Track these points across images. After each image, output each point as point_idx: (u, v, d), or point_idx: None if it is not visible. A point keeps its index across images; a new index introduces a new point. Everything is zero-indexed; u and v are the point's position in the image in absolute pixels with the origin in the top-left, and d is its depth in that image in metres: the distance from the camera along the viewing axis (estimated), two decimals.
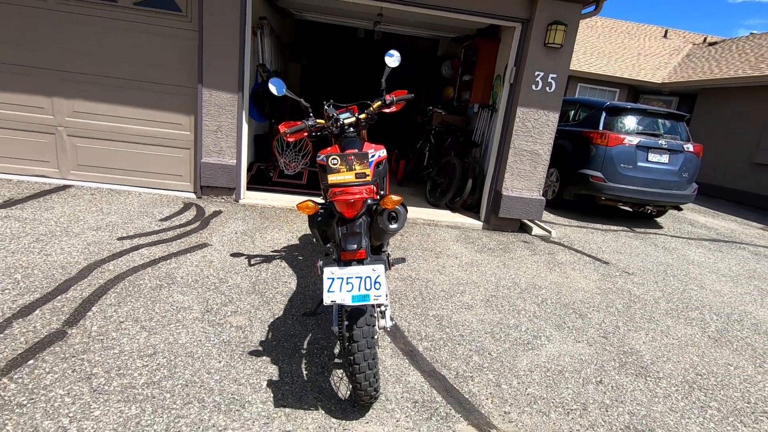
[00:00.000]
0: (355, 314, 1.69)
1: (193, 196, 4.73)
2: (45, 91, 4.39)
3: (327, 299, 1.60)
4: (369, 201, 1.78)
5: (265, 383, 2.04)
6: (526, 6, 4.50)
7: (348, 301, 1.59)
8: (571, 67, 12.28)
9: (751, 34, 13.23)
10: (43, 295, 2.50)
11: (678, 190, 5.93)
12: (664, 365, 2.67)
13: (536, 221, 5.20)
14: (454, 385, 2.22)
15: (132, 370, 2.00)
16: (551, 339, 2.79)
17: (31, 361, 1.96)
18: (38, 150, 4.54)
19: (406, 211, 1.77)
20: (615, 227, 5.98)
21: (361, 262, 1.65)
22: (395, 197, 1.68)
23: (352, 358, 1.69)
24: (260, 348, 2.30)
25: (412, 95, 2.59)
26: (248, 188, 5.04)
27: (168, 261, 3.13)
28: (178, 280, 2.88)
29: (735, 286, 4.24)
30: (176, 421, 1.75)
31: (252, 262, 3.30)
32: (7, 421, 1.64)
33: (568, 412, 2.13)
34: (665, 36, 16.44)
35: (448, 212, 5.40)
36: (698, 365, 2.72)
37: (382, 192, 2.30)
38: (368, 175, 1.70)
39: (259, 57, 5.55)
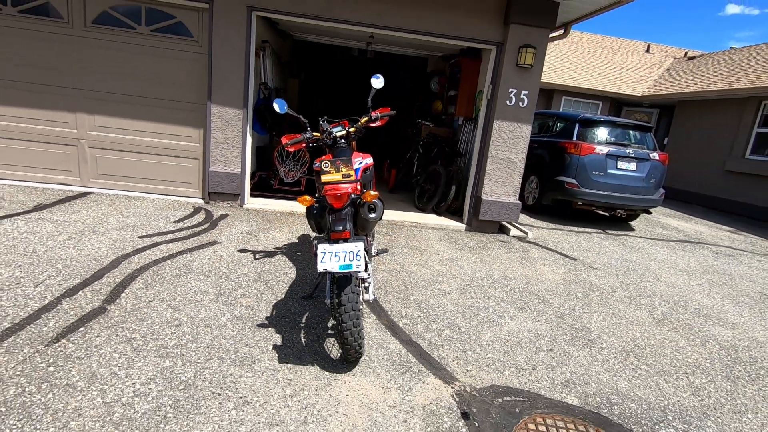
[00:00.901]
0: (343, 283, 2.16)
1: (201, 201, 5.22)
2: (70, 107, 4.90)
3: (320, 267, 2.08)
4: (353, 196, 2.27)
5: (270, 346, 2.50)
6: (500, 31, 5.06)
7: (336, 269, 2.07)
8: (556, 81, 12.96)
9: (731, 48, 13.91)
10: (83, 280, 2.96)
11: (646, 195, 6.45)
12: (609, 339, 3.14)
13: (514, 223, 5.70)
14: (427, 351, 2.68)
15: (163, 335, 2.47)
16: (514, 318, 3.27)
17: (81, 328, 2.43)
18: (62, 160, 5.03)
19: (383, 204, 2.26)
20: (589, 230, 6.49)
21: (346, 241, 2.14)
22: (373, 192, 2.17)
23: (340, 318, 2.17)
24: (266, 322, 2.76)
25: (394, 112, 3.10)
26: (251, 194, 5.52)
27: (184, 255, 3.61)
28: (194, 270, 3.35)
29: (689, 278, 4.73)
30: (202, 371, 2.21)
31: (257, 257, 3.78)
32: (71, 368, 2.10)
33: (520, 371, 2.60)
34: (647, 51, 17.18)
35: (434, 216, 5.90)
36: (638, 339, 3.20)
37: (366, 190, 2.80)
38: (352, 176, 2.20)
39: (262, 76, 6.10)
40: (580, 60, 14.66)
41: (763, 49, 12.01)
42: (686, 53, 16.87)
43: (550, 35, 5.39)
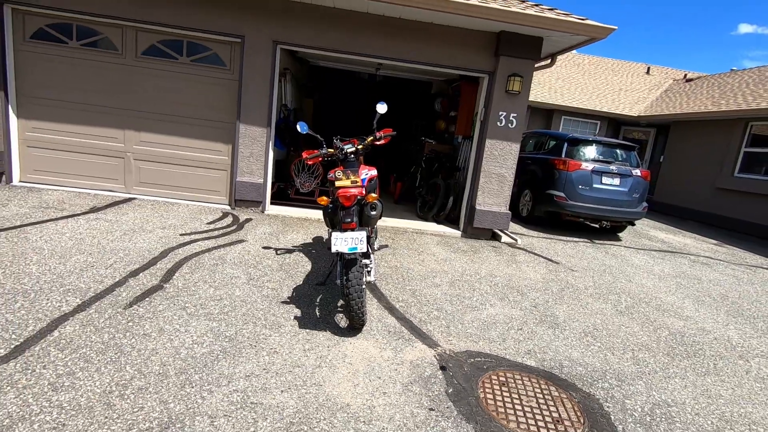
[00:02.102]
0: (350, 265, 2.83)
1: (228, 207, 5.95)
2: (119, 125, 5.71)
3: (333, 249, 2.75)
4: (359, 198, 2.95)
5: (292, 317, 3.16)
6: (491, 62, 5.79)
7: (345, 250, 2.74)
8: (555, 102, 13.65)
9: (732, 70, 14.47)
10: (141, 265, 3.67)
11: (629, 208, 7.04)
12: (572, 323, 3.74)
13: (505, 231, 6.32)
14: (417, 326, 3.32)
15: (209, 306, 3.15)
16: (493, 306, 3.89)
17: (147, 299, 3.12)
18: (111, 170, 5.82)
19: (382, 205, 2.93)
20: (577, 239, 7.07)
21: (353, 230, 2.81)
22: (374, 195, 2.85)
23: (348, 291, 2.82)
24: (288, 300, 3.43)
25: (395, 132, 3.80)
26: (271, 202, 6.25)
27: (218, 249, 4.31)
28: (227, 260, 4.05)
29: (659, 281, 5.29)
30: (240, 330, 2.88)
31: (278, 253, 4.46)
32: (144, 324, 2.78)
33: (491, 342, 3.21)
34: (648, 72, 17.83)
35: (433, 224, 6.55)
36: (598, 324, 3.78)
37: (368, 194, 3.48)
38: (358, 182, 2.89)
39: (283, 98, 6.89)
40: (580, 81, 15.36)
41: (755, 72, 12.60)
42: (685, 75, 17.46)
43: (539, 64, 6.11)
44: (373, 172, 3.50)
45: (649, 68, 18.15)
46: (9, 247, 3.70)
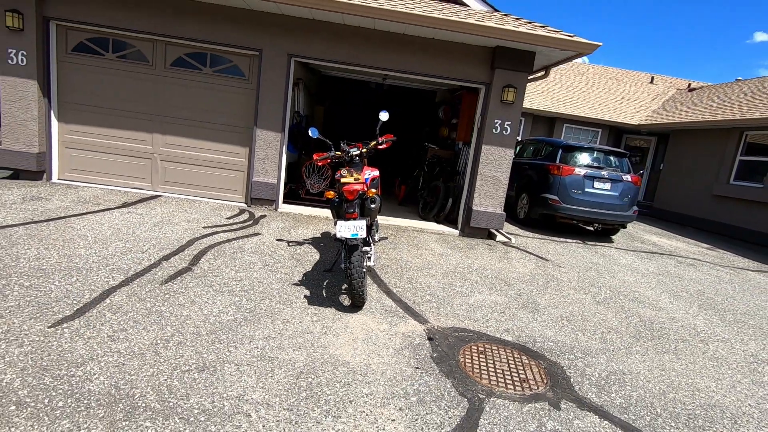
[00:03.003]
0: (352, 250, 3.31)
1: (244, 205, 6.49)
2: (148, 129, 6.30)
3: (338, 234, 3.24)
4: (361, 193, 3.44)
5: (302, 296, 3.66)
6: (488, 74, 6.27)
7: (348, 236, 3.23)
8: (558, 110, 14.08)
9: (737, 80, 14.68)
10: (171, 251, 4.21)
11: (620, 212, 7.43)
12: (551, 309, 4.17)
13: (500, 231, 6.77)
14: (411, 306, 3.79)
15: (232, 285, 3.66)
16: (481, 293, 4.34)
17: (179, 278, 3.64)
18: (139, 170, 6.40)
19: (381, 199, 3.42)
20: (570, 240, 7.48)
21: (355, 219, 3.30)
22: (374, 191, 3.35)
23: (351, 273, 3.31)
24: (299, 283, 3.93)
25: (395, 138, 4.29)
26: (283, 201, 6.77)
27: (237, 240, 4.83)
28: (246, 249, 4.57)
29: (641, 278, 5.69)
30: (259, 304, 3.38)
31: (290, 244, 4.97)
32: (179, 294, 3.30)
33: (475, 321, 3.67)
34: (651, 82, 18.15)
35: (433, 223, 7.02)
36: (575, 312, 4.21)
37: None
38: (361, 180, 3.39)
39: (295, 106, 7.44)
40: (583, 90, 15.76)
41: (755, 83, 12.89)
42: (689, 84, 17.73)
43: (532, 76, 6.58)
44: (376, 172, 4.00)
45: (653, 78, 18.47)
46: (59, 234, 4.26)
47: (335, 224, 3.33)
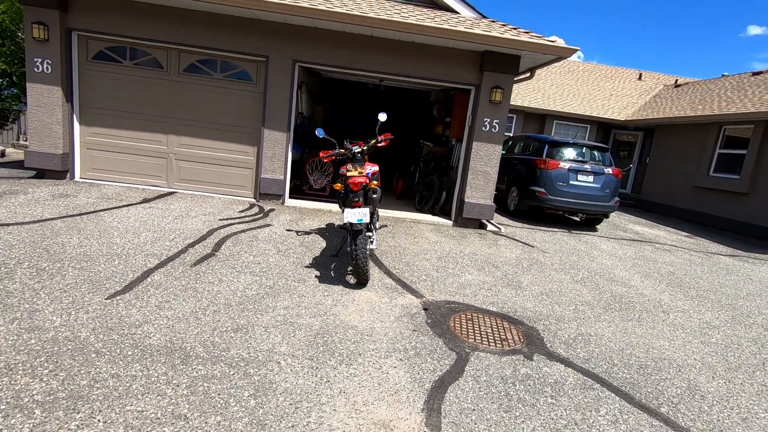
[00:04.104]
0: (356, 234, 3.84)
1: (254, 200, 7.01)
2: (163, 130, 6.80)
3: (344, 220, 3.77)
4: (364, 185, 3.97)
5: (314, 276, 4.18)
6: (477, 76, 6.79)
7: (354, 221, 3.75)
8: (548, 107, 14.62)
9: (723, 75, 15.19)
10: (195, 240, 4.72)
11: (602, 202, 7.99)
12: (533, 287, 4.72)
13: (491, 221, 7.30)
14: (409, 284, 4.32)
15: (251, 267, 4.18)
16: (471, 274, 4.88)
17: (205, 261, 4.16)
18: (155, 169, 6.90)
19: (381, 190, 3.95)
20: (556, 229, 8.03)
21: (359, 207, 3.83)
22: (375, 182, 3.88)
23: (356, 254, 3.83)
24: (310, 266, 4.45)
25: (393, 136, 4.81)
26: (289, 196, 7.29)
27: (251, 231, 5.35)
28: (260, 238, 5.09)
29: (618, 261, 6.24)
30: (276, 282, 3.90)
31: (298, 234, 5.49)
32: (208, 274, 3.82)
33: (465, 296, 4.21)
34: (640, 78, 18.72)
35: (429, 215, 7.56)
36: (555, 288, 4.76)
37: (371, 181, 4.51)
38: (363, 173, 3.91)
39: (299, 107, 7.94)
40: (573, 87, 16.31)
41: (736, 78, 13.47)
42: (676, 81, 18.29)
43: (518, 77, 7.10)
44: (376, 168, 4.52)
45: (641, 74, 19.03)
46: (94, 226, 4.77)
47: (342, 212, 3.86)
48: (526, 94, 14.78)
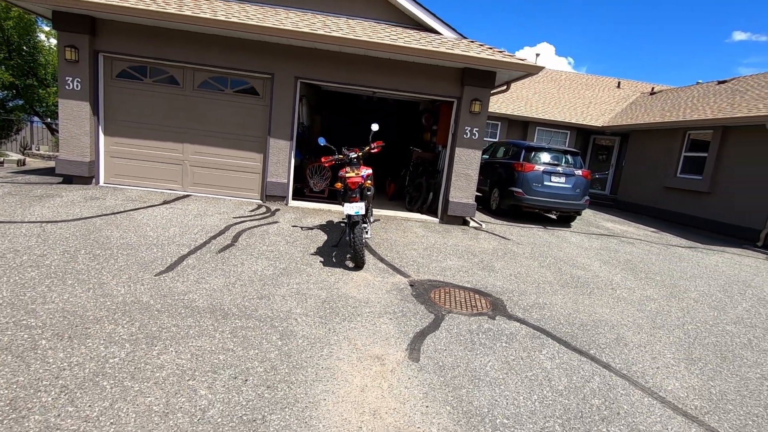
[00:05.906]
0: (354, 225, 4.66)
1: (260, 201, 7.81)
2: (179, 140, 7.60)
3: (345, 212, 4.59)
4: (360, 184, 4.80)
5: (318, 261, 5.00)
6: (458, 90, 7.68)
7: (352, 213, 4.57)
8: (530, 115, 15.59)
9: (698, 83, 16.20)
10: (215, 233, 5.52)
11: (573, 201, 8.88)
12: (504, 270, 5.56)
13: (473, 218, 8.16)
14: (398, 268, 5.14)
15: (266, 254, 4.99)
16: (451, 260, 5.71)
17: (227, 250, 4.96)
18: (172, 174, 7.69)
19: (374, 189, 4.79)
20: (533, 226, 8.90)
21: (356, 202, 4.66)
22: (369, 182, 4.72)
23: (354, 242, 4.65)
24: (314, 253, 5.26)
25: (384, 144, 5.66)
26: (292, 198, 8.10)
27: (261, 226, 6.16)
28: (270, 233, 5.90)
29: (583, 251, 7.11)
30: (288, 265, 4.71)
31: (303, 229, 6.31)
32: (231, 259, 4.63)
33: (445, 277, 5.03)
34: (618, 86, 19.80)
35: (417, 214, 8.40)
36: (523, 272, 5.60)
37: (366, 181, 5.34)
38: (360, 174, 4.75)
39: (300, 118, 8.79)
40: (554, 95, 17.31)
41: (704, 87, 14.51)
42: (652, 88, 19.36)
43: (494, 90, 8.00)
44: (370, 170, 5.36)
45: (619, 83, 20.12)
46: (128, 223, 5.56)
47: (342, 206, 4.69)
48: (510, 102, 15.75)
